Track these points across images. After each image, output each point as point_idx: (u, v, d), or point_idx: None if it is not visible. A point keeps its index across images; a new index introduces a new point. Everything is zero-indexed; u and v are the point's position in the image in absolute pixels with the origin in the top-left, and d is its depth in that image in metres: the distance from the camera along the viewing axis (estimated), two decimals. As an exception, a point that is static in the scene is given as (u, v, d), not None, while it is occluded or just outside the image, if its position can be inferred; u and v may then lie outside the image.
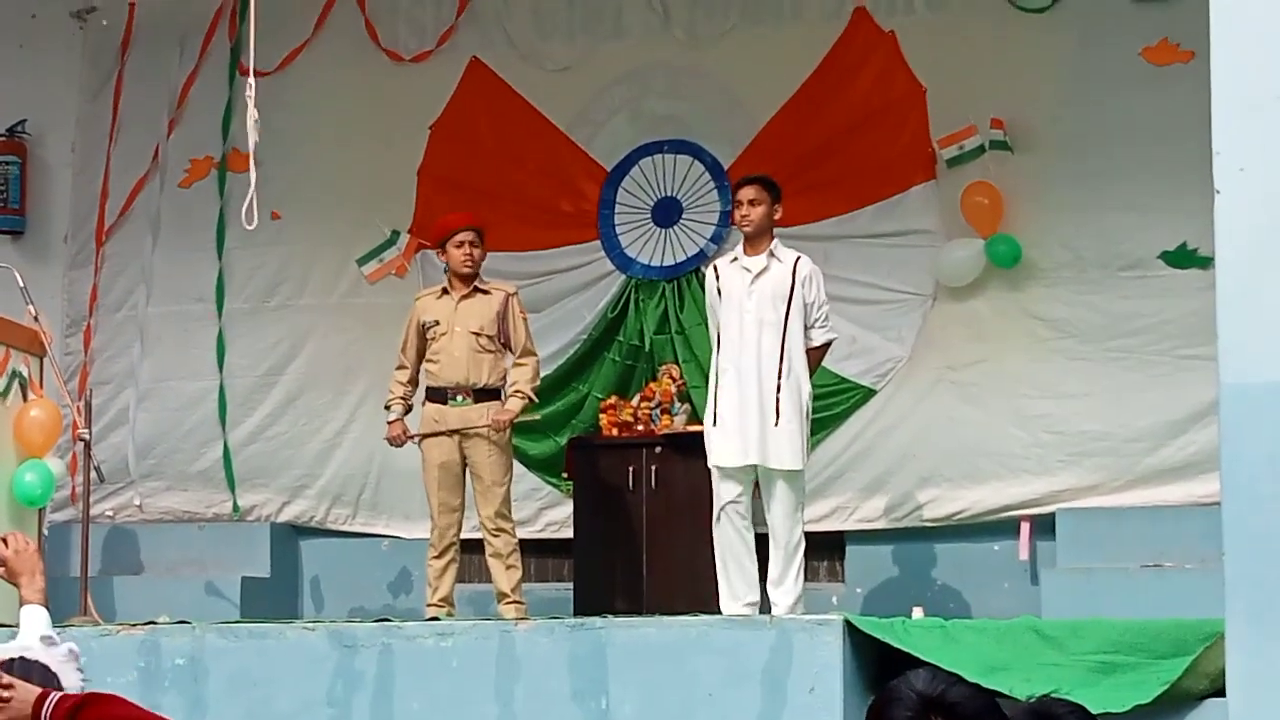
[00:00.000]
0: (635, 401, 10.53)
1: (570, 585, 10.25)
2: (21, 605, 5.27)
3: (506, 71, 11.17)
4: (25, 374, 9.41)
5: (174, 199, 11.60)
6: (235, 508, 11.30)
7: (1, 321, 9.28)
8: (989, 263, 10.22)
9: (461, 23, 11.24)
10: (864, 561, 10.41)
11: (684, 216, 10.84)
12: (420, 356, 9.75)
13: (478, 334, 9.64)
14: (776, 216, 9.26)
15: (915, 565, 10.23)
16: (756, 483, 9.13)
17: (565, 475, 10.39)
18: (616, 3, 11.06)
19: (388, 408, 9.76)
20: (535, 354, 9.82)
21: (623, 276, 10.90)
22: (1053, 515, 10.01)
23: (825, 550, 10.51)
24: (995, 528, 10.18)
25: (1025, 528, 10.10)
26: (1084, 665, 7.51)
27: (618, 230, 10.93)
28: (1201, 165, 6.37)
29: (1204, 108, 6.36)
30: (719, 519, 9.14)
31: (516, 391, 9.60)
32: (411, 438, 9.71)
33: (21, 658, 4.22)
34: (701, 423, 10.30)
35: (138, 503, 11.30)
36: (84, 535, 9.50)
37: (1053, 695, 3.86)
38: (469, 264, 9.68)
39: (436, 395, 9.66)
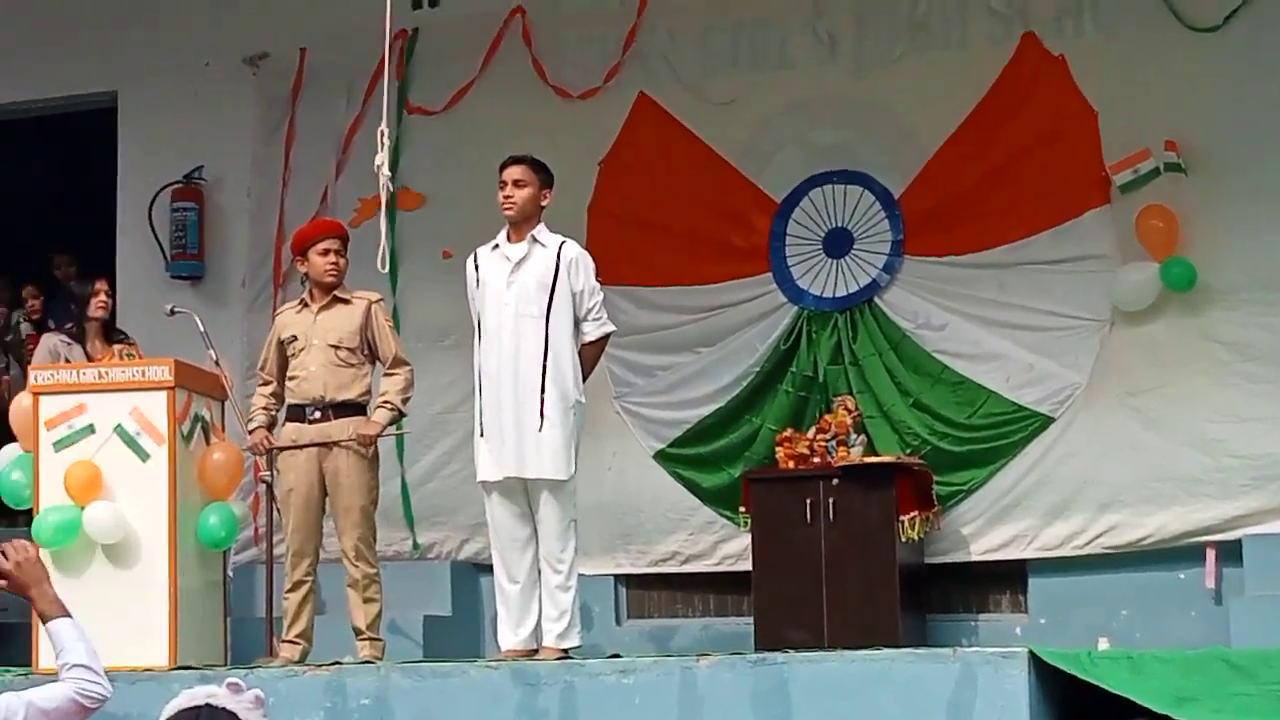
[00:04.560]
0: (811, 434, 10.48)
1: (749, 620, 10.21)
2: (44, 622, 4.99)
3: (674, 106, 11.18)
4: (208, 418, 9.54)
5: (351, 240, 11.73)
6: (415, 545, 11.37)
7: (184, 366, 9.40)
8: (1165, 286, 10.09)
9: (628, 59, 11.27)
10: (1046, 591, 10.28)
11: (855, 247, 10.78)
12: (282, 372, 9.30)
13: (336, 346, 9.14)
14: (544, 203, 8.75)
15: (1099, 594, 10.09)
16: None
17: (743, 509, 10.36)
18: (781, 34, 11.04)
19: (249, 419, 9.37)
20: (408, 363, 9.31)
21: (795, 308, 10.84)
22: (1239, 541, 9.84)
23: (1006, 581, 10.44)
24: (1180, 554, 10.01)
25: (1211, 554, 9.93)
26: (1276, 694, 7.41)
27: (789, 262, 10.89)
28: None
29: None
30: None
31: (384, 403, 9.09)
32: (273, 448, 9.24)
33: (208, 705, 4.15)
34: (879, 454, 10.30)
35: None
36: (268, 576, 9.58)
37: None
38: (333, 273, 9.22)
39: (295, 413, 9.19)
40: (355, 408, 9.15)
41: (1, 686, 8.07)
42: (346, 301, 9.25)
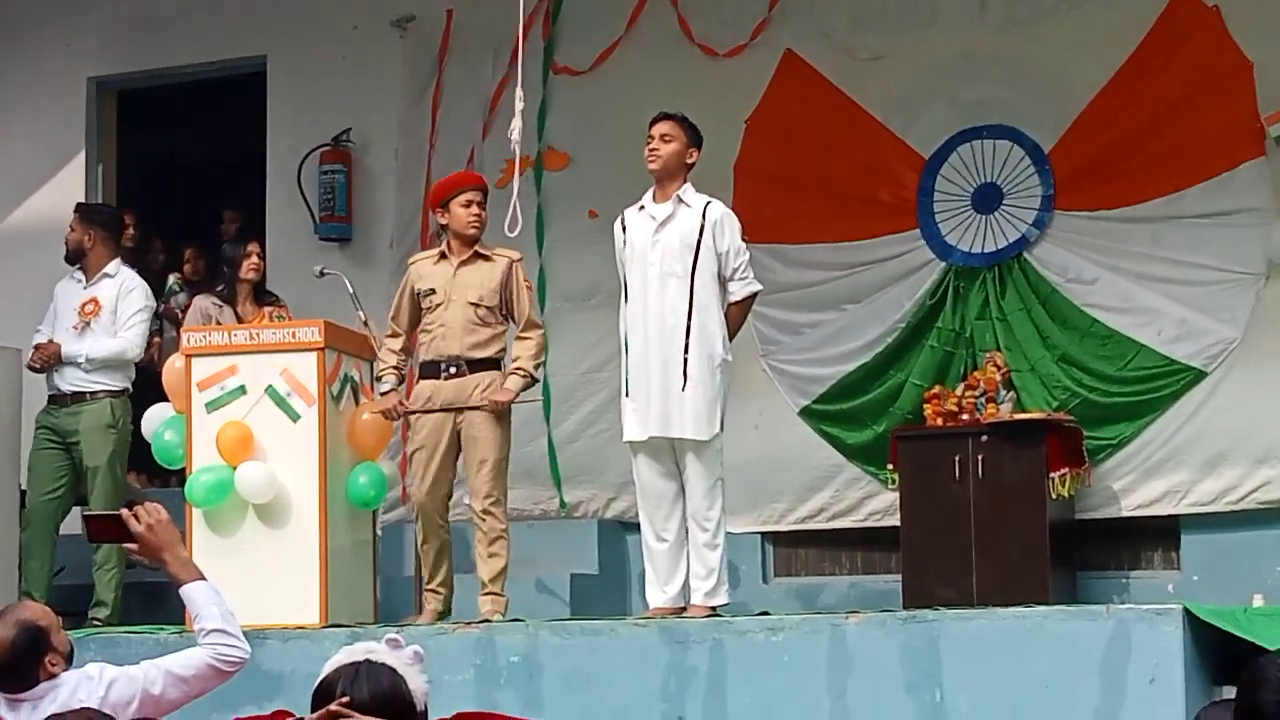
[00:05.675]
0: (959, 390, 10.41)
1: (896, 577, 10.18)
2: (178, 586, 5.01)
3: (821, 63, 11.10)
4: (356, 378, 9.60)
5: (491, 200, 11.74)
6: (562, 504, 11.40)
7: (333, 327, 9.47)
8: (1322, 240, 9.94)
9: (774, 15, 11.21)
10: (1200, 548, 10.15)
11: (1004, 202, 10.67)
12: (414, 325, 9.17)
13: (476, 304, 8.98)
14: (690, 160, 8.67)
15: (1253, 550, 9.94)
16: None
17: (890, 467, 10.32)
18: (931, -11, 10.97)
19: (379, 379, 9.25)
20: (540, 326, 9.23)
21: (943, 264, 10.76)
22: (1396, 496, 9.71)
23: (1159, 536, 10.33)
24: (1336, 509, 9.90)
25: (1367, 508, 9.81)
26: None
27: (937, 218, 10.80)
28: None
29: None
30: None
31: (517, 369, 9.00)
32: (409, 412, 9.14)
33: (368, 661, 4.16)
34: (1028, 410, 10.21)
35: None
36: (416, 535, 9.65)
37: None
38: (476, 225, 9.06)
39: (429, 369, 9.06)
40: (491, 363, 9.08)
41: (157, 645, 8.20)
42: (487, 258, 9.12)
